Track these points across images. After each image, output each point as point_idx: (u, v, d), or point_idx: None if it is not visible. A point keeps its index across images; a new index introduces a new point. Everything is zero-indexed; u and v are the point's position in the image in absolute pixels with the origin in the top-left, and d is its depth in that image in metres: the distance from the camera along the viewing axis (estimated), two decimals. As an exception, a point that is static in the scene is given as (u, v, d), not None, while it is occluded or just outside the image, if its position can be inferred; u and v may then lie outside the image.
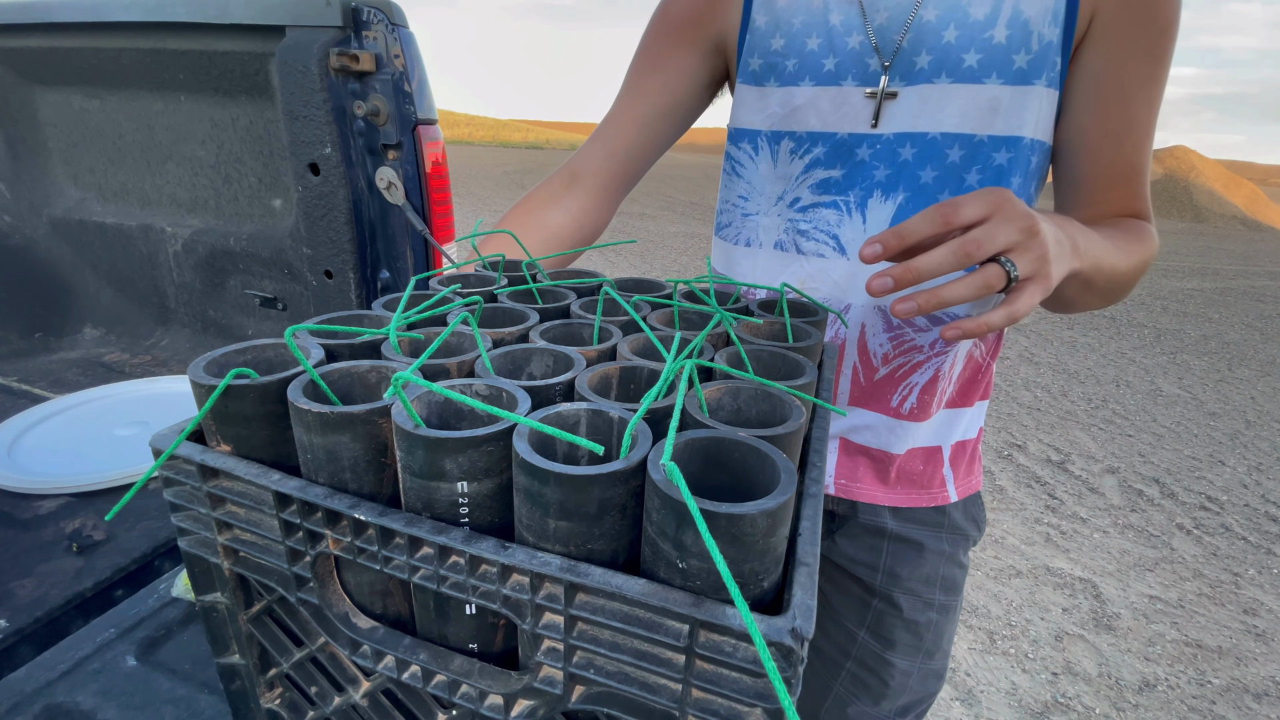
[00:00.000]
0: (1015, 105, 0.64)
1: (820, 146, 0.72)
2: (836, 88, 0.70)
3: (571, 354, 0.42)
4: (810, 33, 0.71)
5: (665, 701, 0.29)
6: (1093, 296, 0.65)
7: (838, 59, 0.69)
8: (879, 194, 0.70)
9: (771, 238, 0.78)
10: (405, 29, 1.12)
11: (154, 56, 1.31)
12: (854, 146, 0.70)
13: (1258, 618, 2.21)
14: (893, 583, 0.78)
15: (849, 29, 0.69)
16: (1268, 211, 16.52)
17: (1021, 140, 0.65)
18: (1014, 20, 0.62)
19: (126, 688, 0.65)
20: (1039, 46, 0.62)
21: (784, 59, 0.72)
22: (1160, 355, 5.02)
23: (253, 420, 0.37)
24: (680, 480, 0.26)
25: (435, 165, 1.19)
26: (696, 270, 6.76)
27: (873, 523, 0.78)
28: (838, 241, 0.73)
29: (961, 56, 0.64)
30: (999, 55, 0.63)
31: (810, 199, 0.74)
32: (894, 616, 0.79)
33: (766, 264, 0.79)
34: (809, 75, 0.71)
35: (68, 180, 1.60)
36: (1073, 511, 2.77)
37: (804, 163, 0.73)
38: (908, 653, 0.79)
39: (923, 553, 0.78)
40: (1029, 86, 0.63)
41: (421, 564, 0.32)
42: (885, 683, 0.80)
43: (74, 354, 1.55)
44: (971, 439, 0.79)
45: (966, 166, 0.66)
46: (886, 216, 0.70)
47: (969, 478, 0.80)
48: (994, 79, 0.63)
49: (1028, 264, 0.47)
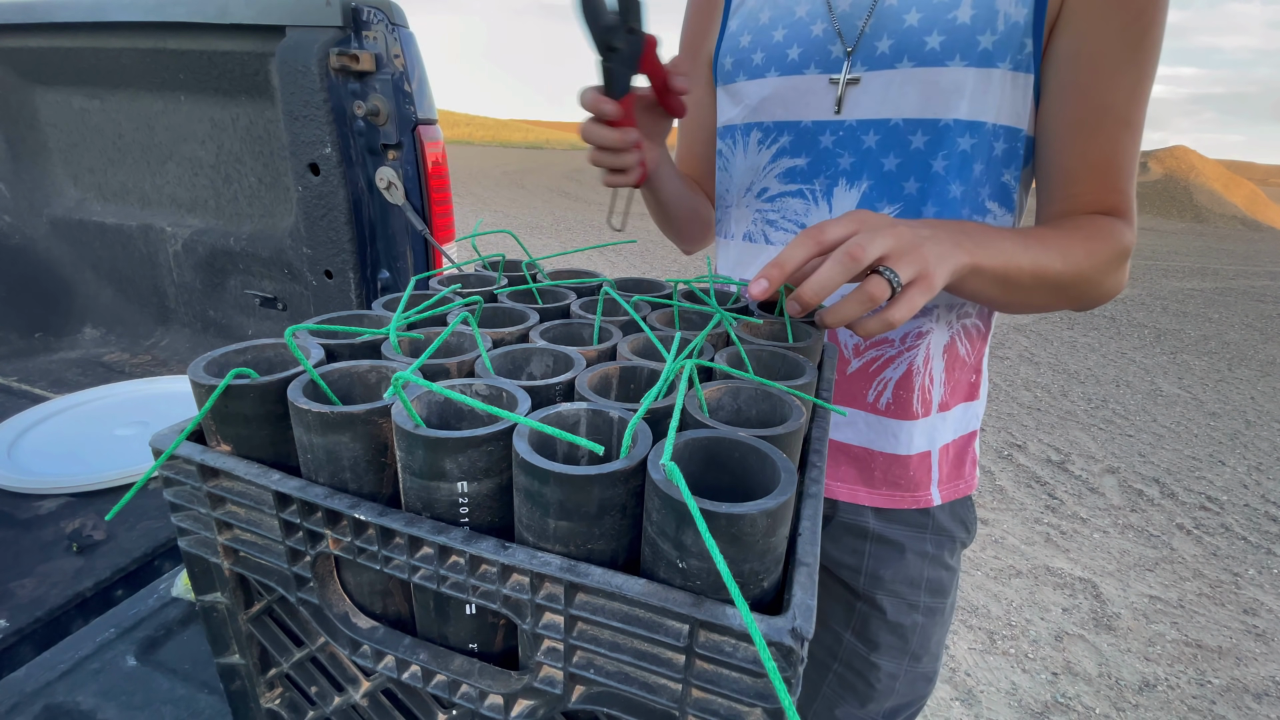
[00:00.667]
0: (979, 88, 0.62)
1: (786, 135, 0.72)
2: (800, 76, 0.70)
3: (571, 354, 0.42)
4: (776, 25, 0.71)
5: (665, 701, 0.29)
6: (1026, 294, 0.62)
7: (801, 48, 0.69)
8: (844, 182, 0.70)
9: (741, 229, 0.78)
10: (405, 29, 1.12)
11: (154, 56, 1.31)
12: (818, 134, 0.70)
13: (1258, 618, 2.21)
14: (875, 585, 0.77)
15: (814, 18, 0.69)
16: (1268, 211, 16.52)
17: (984, 125, 0.63)
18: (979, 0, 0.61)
19: (126, 688, 0.65)
20: (1004, 27, 0.60)
21: (751, 53, 0.73)
22: (1160, 355, 5.02)
23: (253, 420, 0.37)
24: (680, 480, 0.26)
25: (435, 165, 1.19)
26: (696, 270, 6.75)
27: (854, 522, 0.77)
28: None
29: (924, 39, 0.63)
30: (962, 36, 0.61)
31: (777, 188, 0.74)
32: (878, 619, 0.78)
33: (738, 255, 0.79)
34: (774, 66, 0.71)
35: (68, 180, 1.60)
36: (1073, 511, 2.77)
37: (771, 152, 0.74)
38: (893, 655, 0.78)
39: (904, 554, 0.76)
40: (993, 69, 0.61)
41: (421, 564, 0.32)
42: (871, 685, 0.79)
43: (74, 354, 1.55)
44: (961, 440, 0.78)
45: (931, 152, 0.65)
46: (852, 204, 0.69)
47: (957, 481, 0.79)
48: (957, 61, 0.62)
49: (908, 269, 0.48)
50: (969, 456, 0.79)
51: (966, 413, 0.78)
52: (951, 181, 0.66)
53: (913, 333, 0.71)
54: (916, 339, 0.71)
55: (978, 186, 0.66)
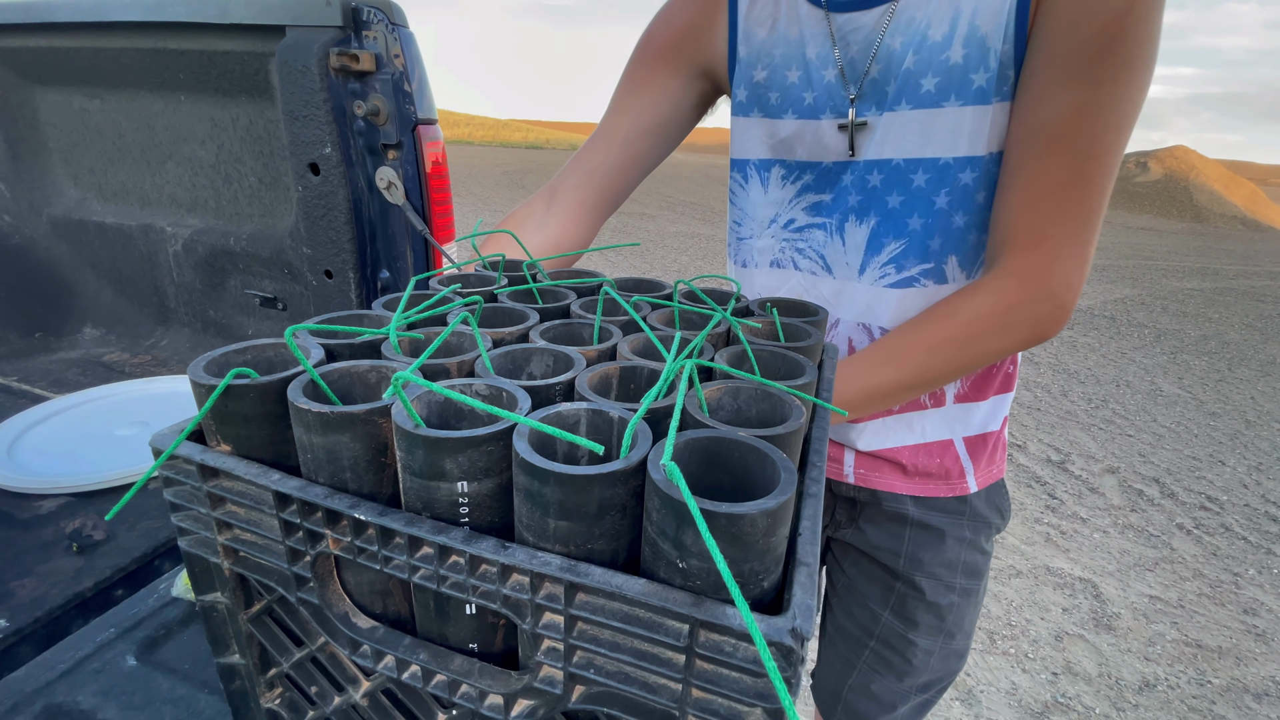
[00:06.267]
0: (977, 125, 0.63)
1: (809, 174, 0.75)
2: (816, 121, 0.72)
3: (571, 354, 0.42)
4: (789, 65, 0.72)
5: (665, 701, 0.29)
6: (884, 403, 0.67)
7: (815, 93, 0.71)
8: (854, 218, 0.72)
9: (767, 258, 0.80)
10: (405, 29, 1.12)
11: (154, 56, 1.31)
12: (839, 173, 0.73)
13: (1258, 618, 2.21)
14: (915, 567, 0.80)
15: (824, 62, 0.70)
16: (1268, 211, 16.52)
17: (982, 158, 0.65)
18: (970, 38, 0.61)
19: (126, 688, 0.65)
20: (997, 64, 0.61)
21: (767, 91, 0.74)
22: (1160, 355, 5.02)
23: (253, 420, 0.37)
24: (680, 480, 0.26)
25: (435, 165, 1.19)
26: (696, 270, 6.76)
27: (894, 509, 0.80)
28: (825, 261, 0.76)
29: (919, 82, 0.64)
30: (956, 77, 0.62)
31: (804, 220, 0.76)
32: (916, 599, 0.81)
33: (764, 282, 0.81)
34: (791, 109, 0.73)
35: (68, 180, 1.60)
36: (1073, 511, 2.77)
37: (795, 188, 0.76)
38: (930, 633, 0.81)
39: (944, 539, 0.79)
40: (988, 106, 0.62)
41: (421, 564, 0.32)
42: (909, 661, 0.82)
43: (74, 354, 1.55)
44: (993, 431, 0.80)
45: (934, 189, 0.67)
46: (862, 240, 0.72)
47: (990, 467, 0.81)
48: (952, 101, 0.63)
49: None
50: (1000, 443, 0.82)
51: (997, 404, 0.79)
52: (955, 214, 0.67)
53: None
54: None
55: (983, 212, 0.67)
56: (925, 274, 0.70)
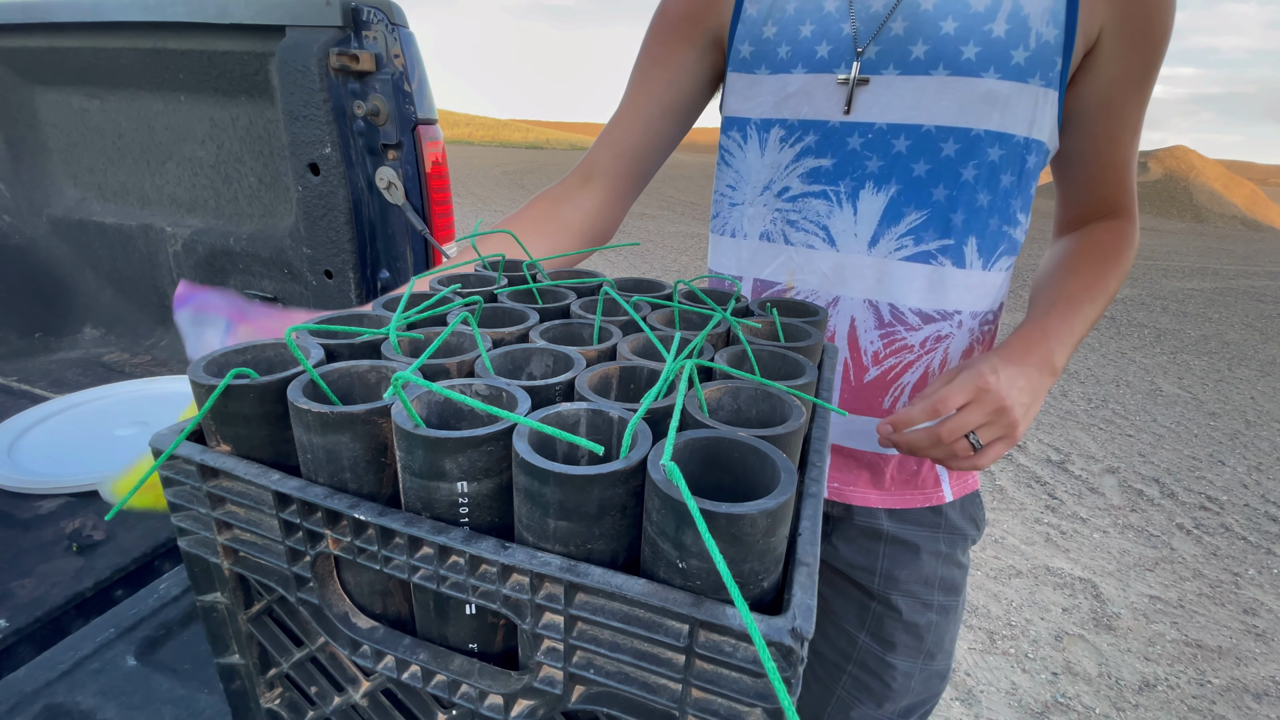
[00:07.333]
0: (1012, 101, 0.63)
1: (812, 134, 0.71)
2: (830, 75, 0.69)
3: (571, 354, 0.42)
4: (804, 19, 0.70)
5: (665, 701, 0.29)
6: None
7: (831, 45, 0.69)
8: (871, 185, 0.69)
9: (757, 228, 0.77)
10: (405, 29, 1.12)
11: (154, 56, 1.31)
12: (845, 135, 0.70)
13: (1258, 618, 2.21)
14: (890, 585, 0.78)
15: (843, 15, 0.68)
16: (1268, 211, 16.52)
17: (1014, 138, 0.64)
18: (1014, 15, 0.62)
19: (126, 688, 0.65)
20: (1036, 44, 0.62)
21: (776, 45, 0.71)
22: (1160, 355, 5.02)
23: (253, 420, 0.37)
24: (680, 480, 0.26)
25: (435, 165, 1.19)
26: (696, 270, 6.75)
27: (868, 525, 0.78)
28: (827, 233, 0.72)
29: (960, 49, 0.64)
30: (998, 49, 0.63)
31: (800, 188, 0.73)
32: (893, 619, 0.78)
33: (751, 255, 0.78)
34: (802, 62, 0.70)
35: (68, 180, 1.60)
36: (1073, 511, 2.77)
37: (794, 151, 0.73)
38: (909, 654, 0.79)
39: (919, 554, 0.77)
40: (1025, 84, 0.63)
41: (421, 564, 0.32)
42: (888, 685, 0.80)
43: (74, 354, 1.55)
44: None
45: (962, 160, 0.66)
46: (878, 209, 0.69)
47: (965, 477, 0.80)
48: (991, 73, 0.63)
49: (991, 435, 0.59)
50: None
51: None
52: (980, 190, 0.67)
53: (932, 337, 0.72)
54: (936, 343, 0.72)
55: (1008, 198, 0.67)
56: (944, 251, 0.68)
